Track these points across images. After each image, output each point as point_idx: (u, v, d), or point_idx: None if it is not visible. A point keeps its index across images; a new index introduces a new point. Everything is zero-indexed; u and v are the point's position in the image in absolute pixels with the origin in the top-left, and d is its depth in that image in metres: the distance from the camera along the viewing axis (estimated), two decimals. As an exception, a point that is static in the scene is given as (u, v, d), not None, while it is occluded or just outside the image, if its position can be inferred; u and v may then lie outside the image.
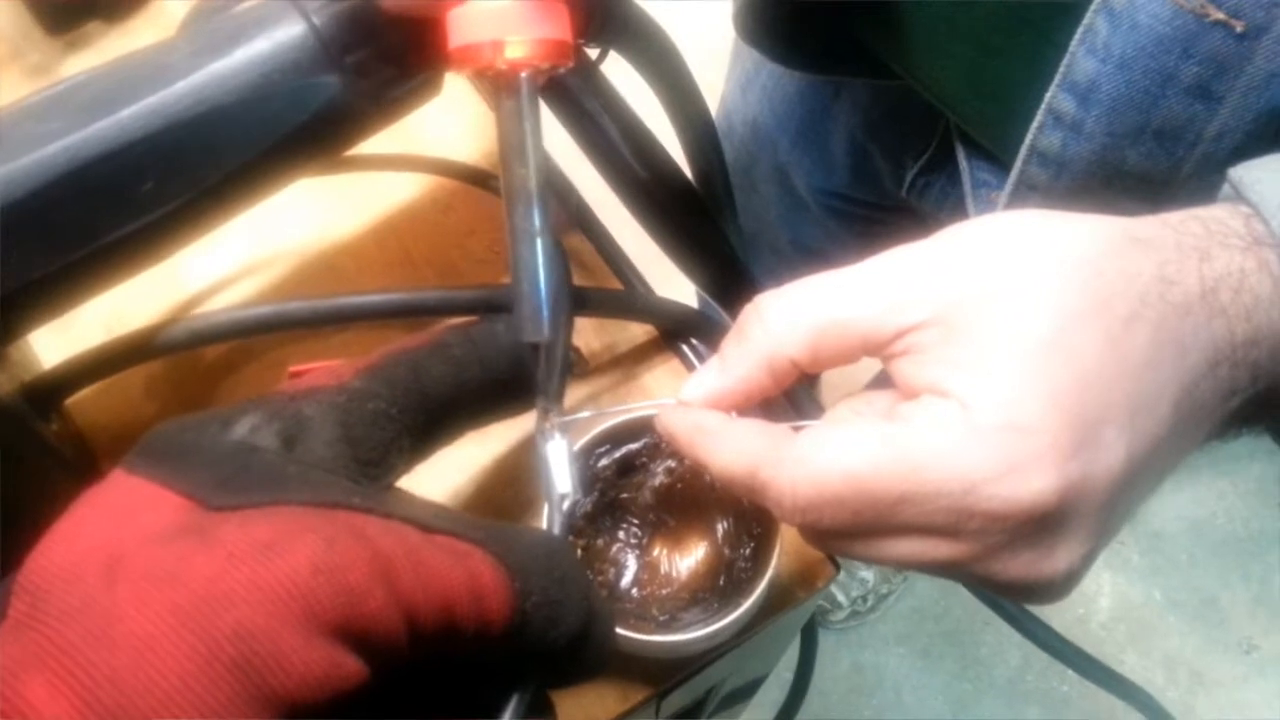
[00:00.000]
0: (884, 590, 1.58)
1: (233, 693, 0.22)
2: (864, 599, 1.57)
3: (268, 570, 0.23)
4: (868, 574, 1.57)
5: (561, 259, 0.37)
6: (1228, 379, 0.31)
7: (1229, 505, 1.68)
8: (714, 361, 0.35)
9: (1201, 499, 1.68)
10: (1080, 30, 0.45)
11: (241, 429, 0.29)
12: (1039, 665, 1.55)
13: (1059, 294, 0.29)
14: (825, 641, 1.54)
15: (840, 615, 1.57)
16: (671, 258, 0.52)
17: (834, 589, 1.56)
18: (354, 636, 0.24)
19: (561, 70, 0.36)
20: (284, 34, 0.38)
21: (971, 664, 1.57)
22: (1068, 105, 0.47)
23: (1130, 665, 1.56)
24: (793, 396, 0.45)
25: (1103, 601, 1.61)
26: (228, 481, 0.26)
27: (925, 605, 1.61)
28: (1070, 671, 0.62)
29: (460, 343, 0.35)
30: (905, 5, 0.57)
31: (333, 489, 0.27)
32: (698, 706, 0.59)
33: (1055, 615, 1.56)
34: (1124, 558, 1.64)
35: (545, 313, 0.35)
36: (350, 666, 0.23)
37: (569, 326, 0.39)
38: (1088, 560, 0.31)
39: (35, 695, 0.21)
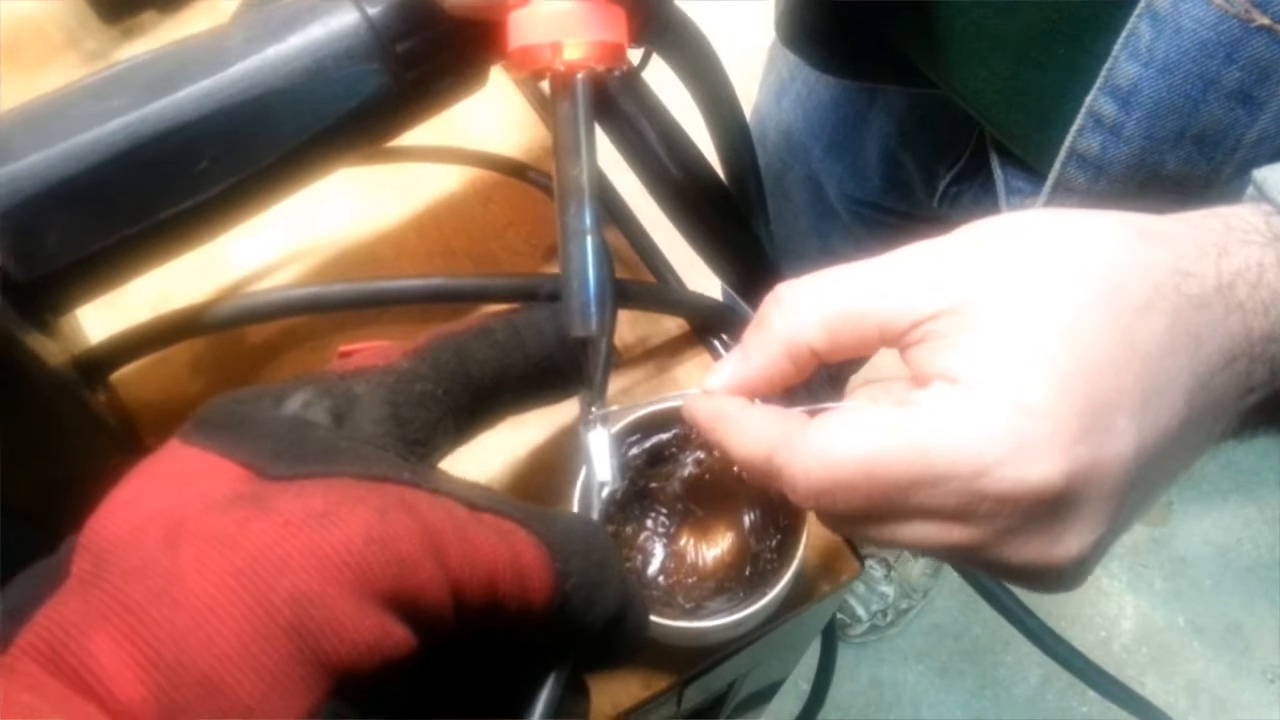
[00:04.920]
0: (904, 605, 1.57)
1: (287, 654, 0.23)
2: (883, 614, 1.57)
3: (323, 538, 0.24)
4: (888, 589, 1.57)
5: (608, 257, 0.38)
6: (1245, 374, 0.31)
7: (1255, 532, 1.66)
8: (736, 351, 0.35)
9: (1228, 525, 1.67)
10: (1123, 34, 0.45)
11: (294, 404, 0.29)
12: (1059, 685, 1.53)
13: (1072, 283, 0.30)
14: (843, 655, 1.54)
15: (859, 629, 1.56)
16: (703, 256, 0.53)
17: (854, 603, 1.56)
18: (403, 606, 0.24)
19: (616, 72, 0.37)
20: (337, 22, 0.39)
21: (991, 682, 1.56)
22: (1109, 108, 0.47)
23: (1152, 689, 1.54)
24: (813, 388, 0.45)
25: (1125, 624, 1.60)
26: (283, 453, 0.27)
27: (945, 622, 1.60)
28: (1091, 693, 0.62)
29: (504, 328, 0.36)
30: (944, 15, 0.57)
31: (384, 463, 0.27)
32: (717, 704, 0.60)
33: (1077, 636, 1.55)
34: (1147, 581, 1.63)
35: (594, 309, 0.36)
36: (399, 635, 0.24)
37: (614, 322, 0.40)
38: (1099, 548, 0.31)
39: (99, 649, 0.22)
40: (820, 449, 0.31)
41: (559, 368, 0.37)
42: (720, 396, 0.35)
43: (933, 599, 1.60)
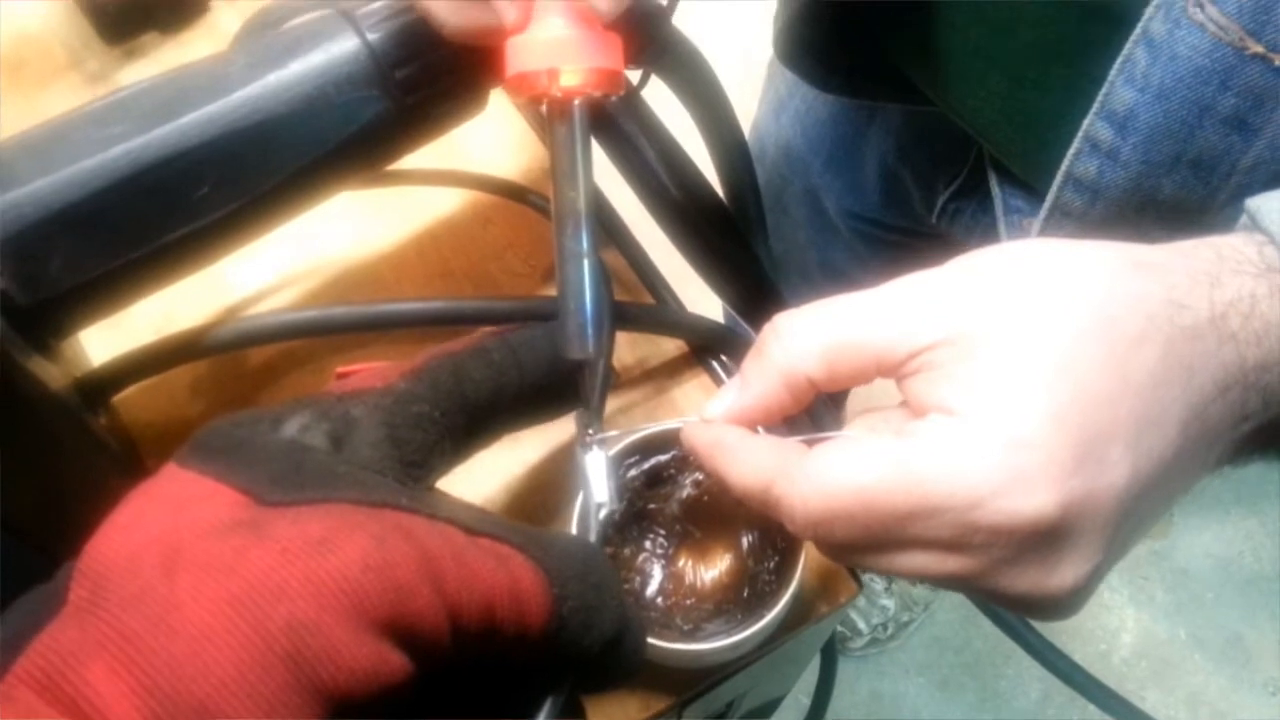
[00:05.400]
0: (904, 619, 1.57)
1: (285, 683, 0.23)
2: (884, 627, 1.56)
3: (320, 565, 0.24)
4: (888, 602, 1.56)
5: (605, 279, 0.38)
6: (1239, 403, 0.31)
7: (1257, 544, 1.66)
8: (735, 380, 0.36)
9: (1229, 537, 1.67)
10: (1119, 60, 0.45)
11: (292, 428, 0.29)
12: (1059, 699, 1.53)
13: (1067, 315, 0.30)
14: (844, 668, 1.53)
15: (860, 642, 1.56)
16: (703, 276, 0.53)
17: (854, 616, 1.55)
18: (400, 633, 0.24)
19: (613, 98, 0.37)
20: (338, 48, 0.39)
21: (991, 696, 1.56)
22: (1105, 133, 0.47)
23: (1152, 703, 1.54)
24: (815, 414, 0.45)
25: (1126, 637, 1.60)
26: (281, 478, 0.27)
27: (946, 635, 1.60)
28: (1091, 706, 0.62)
29: (499, 348, 0.36)
30: (941, 36, 0.58)
31: (381, 489, 0.28)
32: (716, 722, 0.60)
33: (1077, 649, 1.55)
34: (1149, 594, 1.63)
35: (590, 331, 0.36)
36: (396, 662, 0.24)
37: (611, 343, 0.41)
38: (1094, 577, 0.31)
39: (96, 678, 0.22)
40: (818, 479, 0.32)
41: (555, 387, 0.38)
42: (719, 425, 0.36)
43: (933, 612, 1.60)
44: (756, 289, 0.53)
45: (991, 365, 0.30)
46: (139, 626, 0.23)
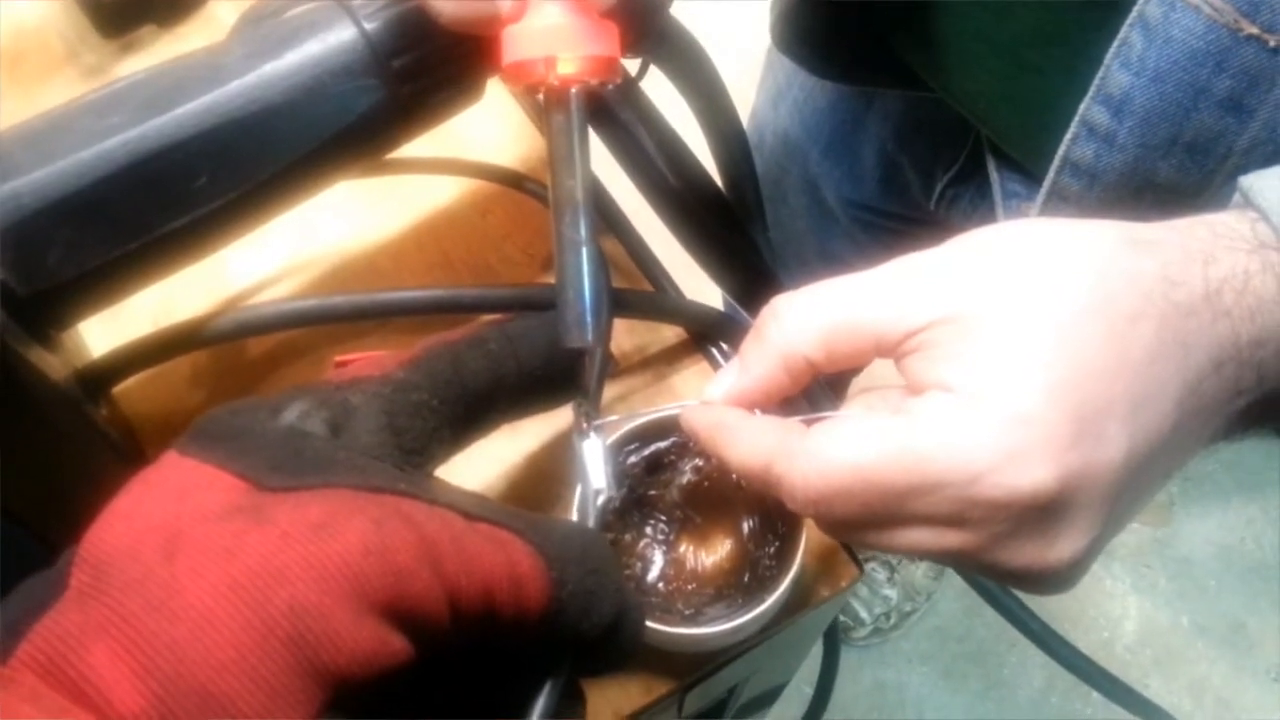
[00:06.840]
0: (907, 608, 1.58)
1: (286, 666, 0.23)
2: (887, 616, 1.57)
3: (320, 549, 0.24)
4: (891, 592, 1.57)
5: (604, 267, 0.38)
6: (1233, 379, 0.31)
7: (1258, 531, 1.66)
8: (734, 362, 0.36)
9: (1231, 524, 1.67)
10: (1115, 44, 0.45)
11: (291, 415, 0.30)
12: (1063, 687, 1.53)
13: (1062, 293, 0.31)
14: (847, 658, 1.53)
15: (863, 632, 1.56)
16: (701, 265, 0.53)
17: (857, 606, 1.56)
18: (400, 616, 0.25)
19: (609, 86, 0.37)
20: (335, 38, 0.39)
21: (995, 685, 1.56)
22: (1101, 117, 0.47)
23: (1156, 690, 1.54)
24: (812, 397, 0.46)
25: (1129, 625, 1.60)
26: (280, 464, 0.27)
27: (949, 624, 1.60)
28: (1095, 695, 0.62)
29: (497, 338, 0.36)
30: (939, 19, 0.58)
31: (380, 474, 0.28)
32: (719, 709, 0.60)
33: (1080, 637, 1.55)
34: (1151, 581, 1.63)
35: (589, 319, 0.36)
36: (396, 645, 0.24)
37: (610, 331, 0.41)
38: (1091, 551, 0.31)
39: (98, 661, 0.22)
40: (818, 457, 0.32)
41: (552, 376, 0.38)
42: (719, 407, 0.36)
43: (936, 601, 1.60)
44: (755, 277, 0.53)
45: (989, 342, 0.30)
46: (140, 610, 0.23)
